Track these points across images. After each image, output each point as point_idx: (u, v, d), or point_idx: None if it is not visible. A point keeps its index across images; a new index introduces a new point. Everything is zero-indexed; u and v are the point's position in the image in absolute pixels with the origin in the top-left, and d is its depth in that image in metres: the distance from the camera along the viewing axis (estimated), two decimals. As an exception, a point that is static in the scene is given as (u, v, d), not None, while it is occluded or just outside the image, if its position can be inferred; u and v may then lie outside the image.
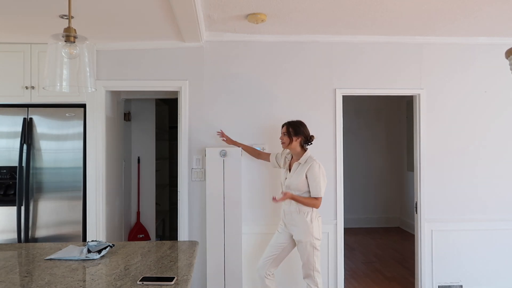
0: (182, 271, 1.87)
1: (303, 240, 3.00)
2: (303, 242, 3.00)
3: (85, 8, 2.65)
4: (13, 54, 3.44)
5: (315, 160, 3.04)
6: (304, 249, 3.01)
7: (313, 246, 3.00)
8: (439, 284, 3.70)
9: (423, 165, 3.70)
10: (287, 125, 3.14)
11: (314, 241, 2.99)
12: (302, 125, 3.13)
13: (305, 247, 3.00)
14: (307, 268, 3.04)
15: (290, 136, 3.08)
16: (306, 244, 2.99)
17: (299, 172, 3.03)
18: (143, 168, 4.73)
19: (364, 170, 6.99)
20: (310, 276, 3.04)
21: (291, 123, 3.14)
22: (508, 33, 3.54)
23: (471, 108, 3.74)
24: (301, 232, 3.01)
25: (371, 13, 3.05)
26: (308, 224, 2.98)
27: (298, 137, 3.09)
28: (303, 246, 3.01)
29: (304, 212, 3.00)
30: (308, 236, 2.99)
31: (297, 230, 3.03)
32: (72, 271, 1.86)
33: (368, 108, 6.98)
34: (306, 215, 3.00)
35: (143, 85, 3.61)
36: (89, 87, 1.99)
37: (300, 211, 3.01)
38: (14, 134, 3.46)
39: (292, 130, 3.09)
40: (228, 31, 3.47)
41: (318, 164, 3.03)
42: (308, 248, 2.99)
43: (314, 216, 3.02)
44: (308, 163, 3.02)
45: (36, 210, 3.47)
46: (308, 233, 2.99)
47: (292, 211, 3.04)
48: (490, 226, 3.73)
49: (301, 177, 3.01)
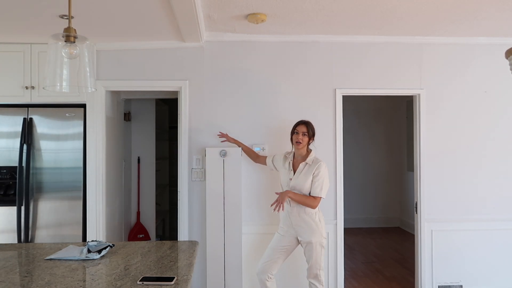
0: (182, 271, 1.87)
1: (313, 240, 2.96)
2: (313, 242, 2.96)
3: (85, 8, 2.65)
4: (13, 54, 3.44)
5: (322, 161, 3.02)
6: (314, 250, 2.97)
7: (322, 245, 2.98)
8: (439, 284, 3.70)
9: (423, 165, 3.70)
10: (306, 125, 3.04)
11: (323, 240, 2.99)
12: (313, 125, 3.12)
13: (314, 248, 2.97)
14: (314, 268, 3.00)
15: (309, 136, 3.04)
16: (316, 244, 2.96)
17: (306, 173, 2.99)
18: (143, 168, 4.73)
19: (364, 170, 6.99)
20: (317, 275, 3.01)
21: (309, 123, 3.08)
22: (508, 33, 3.54)
23: (471, 108, 3.74)
24: (310, 233, 2.97)
25: (371, 13, 3.05)
26: (317, 224, 2.97)
27: (312, 139, 3.08)
28: (313, 247, 2.97)
29: (312, 212, 2.98)
30: (318, 236, 2.97)
31: (306, 231, 2.98)
32: (72, 271, 1.86)
33: (368, 108, 6.98)
34: (315, 215, 2.98)
35: (143, 85, 3.61)
36: (89, 87, 1.99)
37: (307, 213, 2.98)
38: (14, 134, 3.46)
39: (311, 131, 3.06)
40: (228, 31, 3.47)
41: (324, 165, 3.02)
42: (318, 248, 2.97)
43: (321, 216, 3.02)
44: (316, 163, 2.99)
45: (36, 210, 3.47)
46: (318, 233, 2.97)
47: (300, 212, 2.99)
48: (490, 226, 3.73)
49: (309, 178, 2.97)
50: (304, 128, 3.04)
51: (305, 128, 3.04)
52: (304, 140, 3.03)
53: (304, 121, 3.10)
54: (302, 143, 3.02)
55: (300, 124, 3.08)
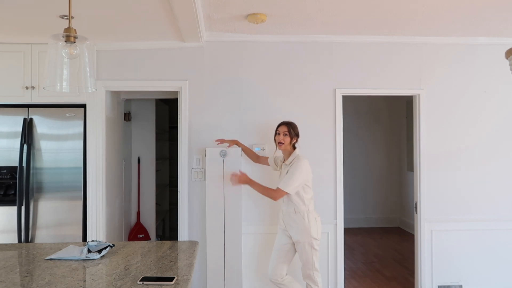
0: (182, 271, 1.87)
1: (301, 240, 2.99)
2: (301, 242, 2.99)
3: (85, 8, 2.65)
4: (13, 54, 3.44)
5: (301, 159, 3.00)
6: (303, 249, 3.00)
7: (311, 246, 2.99)
8: (439, 284, 3.70)
9: (423, 165, 3.70)
10: (287, 125, 3.08)
11: (312, 241, 2.98)
12: (296, 125, 3.14)
13: (303, 247, 3.00)
14: (306, 268, 3.03)
15: (291, 136, 3.07)
16: (304, 244, 2.99)
17: (284, 173, 3.02)
18: (143, 168, 4.73)
19: (364, 170, 7.00)
20: (310, 276, 3.03)
21: (291, 123, 3.11)
22: (508, 33, 3.54)
23: (471, 108, 3.74)
24: (298, 232, 3.00)
25: (371, 13, 3.05)
26: (305, 224, 2.98)
27: (296, 137, 3.10)
28: (302, 246, 3.00)
29: (300, 212, 2.99)
30: (305, 236, 2.98)
31: (295, 230, 3.02)
32: (72, 271, 1.86)
33: (368, 108, 6.98)
34: (303, 215, 2.99)
35: (143, 85, 3.61)
36: (89, 87, 1.99)
37: (297, 212, 3.00)
38: (14, 134, 3.46)
39: (293, 130, 3.08)
40: (228, 31, 3.47)
41: (303, 161, 2.97)
42: (307, 248, 2.99)
43: (312, 216, 3.01)
44: (293, 162, 3.01)
45: (36, 210, 3.47)
46: (306, 233, 2.98)
47: (290, 211, 3.03)
48: (490, 226, 3.73)
49: None
50: (285, 128, 3.07)
51: (286, 128, 3.07)
52: (285, 140, 3.06)
53: (285, 121, 3.13)
54: (284, 143, 3.06)
55: (281, 124, 3.11)
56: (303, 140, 3.59)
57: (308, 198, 3.02)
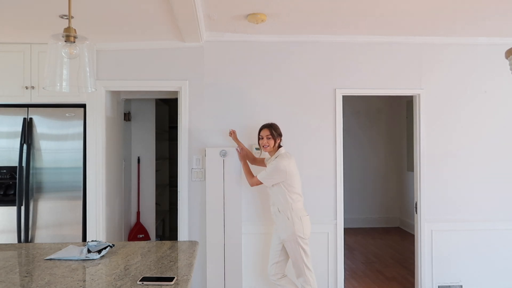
0: (182, 271, 1.87)
1: (286, 238, 3.02)
2: (287, 240, 3.03)
3: (85, 8, 2.65)
4: (13, 54, 3.44)
5: (282, 158, 3.00)
6: (289, 248, 3.04)
7: (297, 244, 3.00)
8: (439, 284, 3.70)
9: (423, 165, 3.69)
10: (269, 127, 3.11)
11: (298, 239, 2.99)
12: (277, 126, 3.17)
13: (289, 246, 3.03)
14: (297, 267, 3.06)
15: (274, 138, 3.09)
16: (290, 242, 3.01)
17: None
18: (143, 168, 4.73)
19: (364, 170, 6.99)
20: (302, 275, 3.05)
21: (272, 125, 3.14)
22: (508, 33, 3.54)
23: (471, 108, 3.74)
24: (283, 231, 3.04)
25: (371, 13, 3.05)
26: (288, 222, 3.00)
27: (279, 137, 3.13)
28: (288, 245, 3.04)
29: (283, 211, 3.02)
30: (290, 235, 3.00)
31: (280, 229, 3.07)
32: (72, 271, 1.86)
33: (368, 108, 6.98)
34: (286, 213, 3.01)
35: (143, 85, 3.61)
36: (89, 87, 1.99)
37: (280, 211, 3.04)
38: (14, 134, 3.46)
39: (275, 132, 3.10)
40: (228, 31, 3.47)
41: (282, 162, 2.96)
42: (293, 246, 3.01)
43: (296, 214, 3.00)
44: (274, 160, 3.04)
45: (36, 210, 3.47)
46: (290, 231, 2.99)
47: (275, 211, 3.09)
48: (490, 226, 3.73)
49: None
50: (267, 132, 3.10)
51: (268, 131, 3.10)
52: (270, 143, 3.09)
53: (266, 124, 3.16)
54: (269, 146, 3.09)
55: (263, 128, 3.14)
56: (303, 140, 3.61)
57: (292, 197, 3.02)
